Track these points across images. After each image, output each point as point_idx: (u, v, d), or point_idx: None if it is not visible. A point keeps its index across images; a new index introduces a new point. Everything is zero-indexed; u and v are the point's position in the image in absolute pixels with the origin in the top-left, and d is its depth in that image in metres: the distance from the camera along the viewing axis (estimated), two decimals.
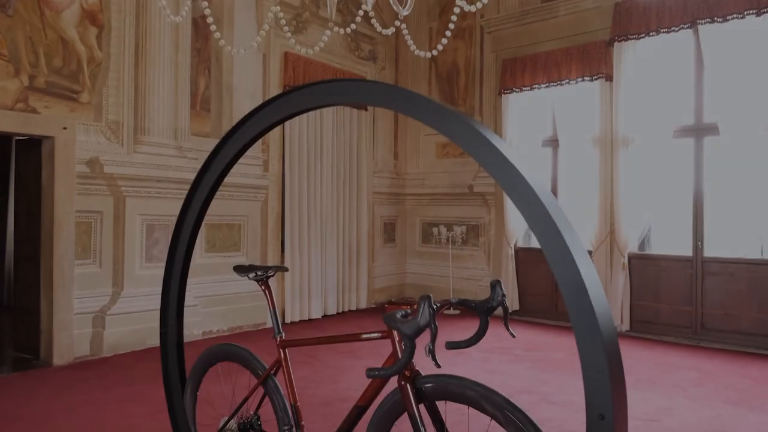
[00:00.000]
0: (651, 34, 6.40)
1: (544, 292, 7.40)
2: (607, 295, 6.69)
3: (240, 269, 2.16)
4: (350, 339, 1.73)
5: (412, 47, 5.04)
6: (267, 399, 2.07)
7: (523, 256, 7.61)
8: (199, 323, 5.95)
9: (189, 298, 5.82)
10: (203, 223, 6.35)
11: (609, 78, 6.78)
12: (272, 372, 2.01)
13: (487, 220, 8.02)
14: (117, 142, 5.36)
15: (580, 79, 6.96)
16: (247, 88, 6.49)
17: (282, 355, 2.00)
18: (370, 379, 1.70)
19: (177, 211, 6.20)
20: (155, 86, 5.60)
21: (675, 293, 6.41)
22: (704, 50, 6.05)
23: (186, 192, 6.01)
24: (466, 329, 6.75)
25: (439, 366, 1.35)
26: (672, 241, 6.65)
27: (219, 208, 6.19)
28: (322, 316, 7.35)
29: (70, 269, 5.02)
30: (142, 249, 5.51)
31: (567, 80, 7.06)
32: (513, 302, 7.51)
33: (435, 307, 1.57)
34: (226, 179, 6.64)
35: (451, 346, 1.63)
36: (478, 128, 1.38)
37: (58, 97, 4.97)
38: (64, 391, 4.27)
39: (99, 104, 5.24)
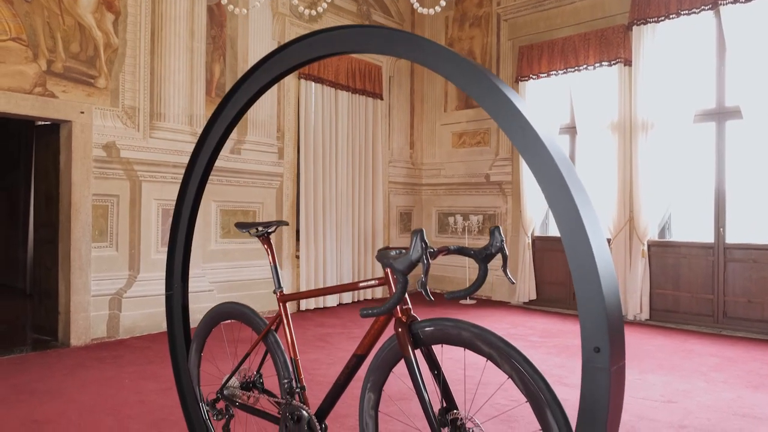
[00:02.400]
0: (671, 16, 6.27)
1: (561, 281, 7.30)
2: (626, 284, 6.58)
3: (241, 225, 2.16)
4: (348, 288, 1.71)
5: (416, 5, 5.06)
6: (269, 358, 2.06)
7: (540, 245, 7.52)
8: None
9: (204, 284, 5.86)
10: (218, 209, 6.35)
11: (628, 63, 6.66)
12: (273, 327, 2.01)
13: (503, 209, 7.94)
14: (133, 127, 5.42)
15: (598, 65, 6.85)
16: None
17: (282, 310, 2.00)
18: (368, 329, 1.68)
19: None
20: (171, 73, 5.65)
21: (696, 281, 6.27)
22: (726, 32, 5.91)
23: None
24: (483, 318, 6.70)
25: (431, 299, 1.32)
26: (693, 228, 6.50)
27: (234, 195, 6.23)
28: (338, 305, 7.35)
29: (87, 252, 5.09)
30: (157, 233, 5.56)
31: (585, 66, 6.96)
32: (530, 291, 7.42)
33: (432, 250, 1.55)
34: (241, 166, 6.67)
35: (451, 296, 1.60)
36: (474, 65, 1.35)
37: (75, 81, 5.04)
38: (79, 369, 4.33)
39: (115, 89, 5.31)
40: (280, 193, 6.77)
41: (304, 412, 1.81)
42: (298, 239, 6.95)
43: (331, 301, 7.23)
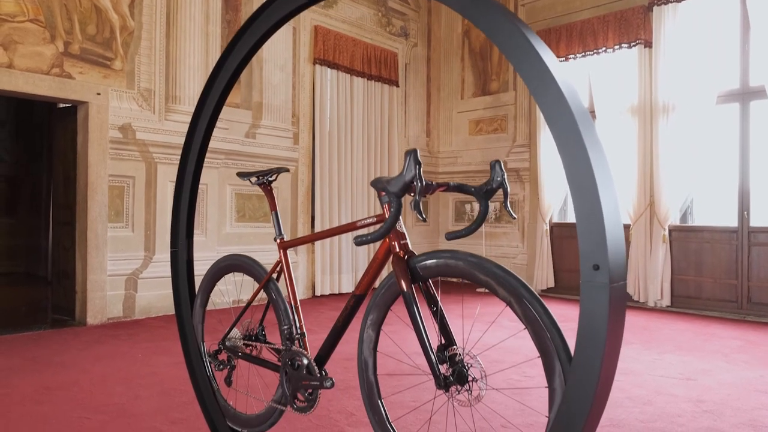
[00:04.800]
0: None
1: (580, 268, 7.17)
2: (646, 270, 6.45)
3: (242, 174, 2.15)
4: (347, 229, 1.68)
5: None
6: (271, 311, 2.04)
7: (558, 231, 7.41)
8: (231, 291, 6.00)
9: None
10: (233, 193, 6.34)
11: (648, 44, 6.53)
12: (274, 275, 1.99)
13: (521, 196, 7.84)
14: (149, 109, 5.47)
15: (617, 47, 6.73)
16: (276, 61, 6.52)
17: (283, 257, 1.98)
18: (366, 268, 1.65)
19: (207, 179, 6.25)
20: (186, 56, 5.69)
21: (719, 266, 6.11)
22: (750, 10, 5.75)
23: (216, 162, 6.04)
24: (499, 304, 6.63)
25: (424, 219, 1.28)
26: (716, 212, 6.35)
27: None
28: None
29: (103, 232, 5.14)
30: None
31: (604, 49, 6.84)
32: (548, 279, 7.32)
33: (431, 184, 1.51)
34: (256, 150, 6.68)
35: (452, 236, 1.56)
36: None
37: (92, 63, 5.10)
38: (95, 345, 4.38)
39: (131, 72, 5.35)
40: (295, 178, 6.77)
41: (304, 357, 1.79)
42: (313, 225, 6.94)
43: (347, 286, 7.21)
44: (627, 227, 6.60)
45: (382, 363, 1.74)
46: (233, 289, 6.02)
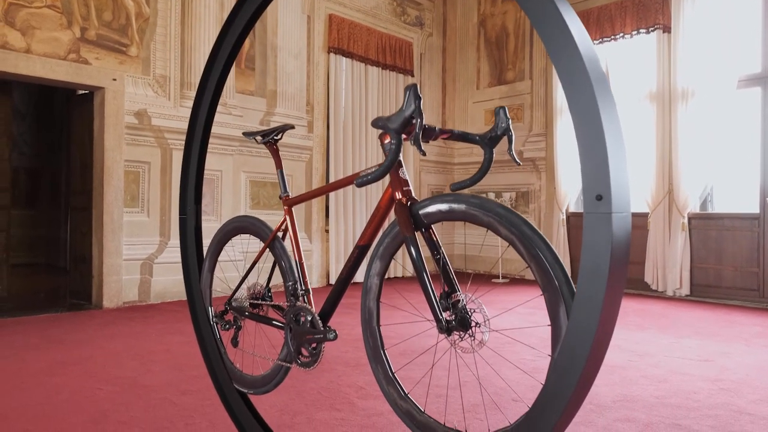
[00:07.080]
0: None
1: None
2: (665, 259, 6.34)
3: (248, 134, 2.15)
4: (349, 181, 1.66)
5: None
6: (277, 271, 2.04)
7: (575, 221, 7.32)
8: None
9: (233, 254, 5.90)
10: (248, 180, 6.35)
11: (667, 29, 6.42)
12: (280, 234, 1.99)
13: (537, 186, 7.76)
14: (164, 95, 5.51)
15: (635, 32, 6.63)
16: (290, 49, 6.54)
17: (287, 214, 1.97)
18: (370, 219, 1.63)
19: (222, 166, 6.27)
20: (201, 43, 5.72)
21: (740, 254, 5.98)
22: None
23: (230, 149, 6.07)
24: (515, 294, 6.57)
25: (424, 154, 1.26)
26: (737, 199, 6.22)
27: (263, 166, 6.27)
28: None
29: (119, 216, 5.20)
30: None
31: (621, 34, 6.74)
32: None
33: (434, 129, 1.49)
34: None
35: (456, 186, 1.53)
36: None
37: (107, 49, 5.15)
38: (110, 325, 4.42)
39: (147, 58, 5.40)
40: (310, 166, 6.78)
41: (308, 313, 1.78)
42: (327, 214, 6.95)
43: (361, 275, 7.18)
44: (645, 215, 6.50)
45: (385, 314, 1.73)
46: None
